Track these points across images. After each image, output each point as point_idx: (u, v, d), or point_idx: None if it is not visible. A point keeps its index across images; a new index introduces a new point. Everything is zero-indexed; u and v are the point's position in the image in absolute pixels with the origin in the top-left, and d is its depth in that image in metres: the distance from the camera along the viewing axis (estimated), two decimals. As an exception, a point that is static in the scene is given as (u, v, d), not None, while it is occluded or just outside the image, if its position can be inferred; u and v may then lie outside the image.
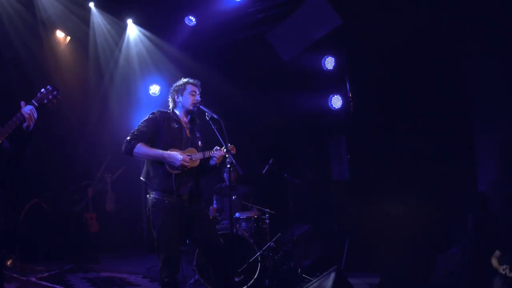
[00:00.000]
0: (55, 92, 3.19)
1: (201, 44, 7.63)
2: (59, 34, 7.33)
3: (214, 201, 6.70)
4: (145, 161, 3.67)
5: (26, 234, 6.58)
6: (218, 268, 3.69)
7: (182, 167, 3.50)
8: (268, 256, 5.57)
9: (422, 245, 5.36)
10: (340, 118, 6.60)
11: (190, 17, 7.19)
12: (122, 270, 6.28)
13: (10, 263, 5.97)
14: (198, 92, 3.83)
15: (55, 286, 5.34)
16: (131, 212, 8.30)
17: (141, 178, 3.66)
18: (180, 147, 3.63)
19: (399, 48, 5.89)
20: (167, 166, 3.53)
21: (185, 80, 3.88)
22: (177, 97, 3.83)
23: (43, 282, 5.51)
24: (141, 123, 3.63)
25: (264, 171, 6.10)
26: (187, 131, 3.77)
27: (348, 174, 6.55)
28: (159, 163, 3.55)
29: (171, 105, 3.87)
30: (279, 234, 5.69)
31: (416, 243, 5.43)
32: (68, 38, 7.38)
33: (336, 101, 6.53)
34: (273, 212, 6.00)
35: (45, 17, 6.61)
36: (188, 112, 3.81)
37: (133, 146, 3.46)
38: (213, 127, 3.62)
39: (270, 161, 6.11)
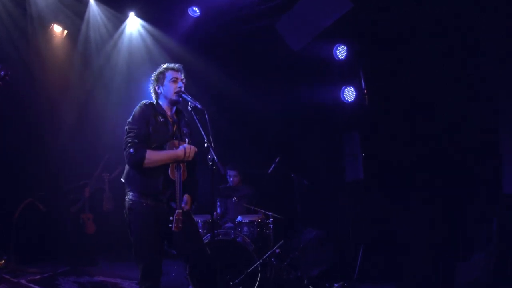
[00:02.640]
0: (2, 73, 2.94)
1: (206, 36, 7.52)
2: (57, 28, 7.32)
3: (218, 204, 6.55)
4: None
5: (21, 235, 6.60)
6: (203, 281, 3.50)
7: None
8: (271, 264, 5.37)
9: (441, 252, 5.08)
10: (353, 112, 6.35)
11: (194, 8, 7.08)
12: (117, 274, 6.17)
13: (2, 263, 5.99)
14: (181, 78, 3.58)
15: (44, 289, 5.36)
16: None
17: (121, 179, 3.46)
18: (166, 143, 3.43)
19: (418, 35, 5.61)
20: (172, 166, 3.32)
21: (165, 66, 3.65)
22: (158, 88, 3.58)
23: (33, 285, 5.49)
24: (132, 124, 3.36)
25: (270, 170, 5.95)
26: (173, 126, 3.53)
27: (363, 174, 6.29)
28: None
29: (153, 96, 3.64)
30: (282, 241, 5.48)
31: (435, 250, 5.16)
32: (65, 32, 7.35)
33: (349, 94, 6.28)
34: (277, 216, 5.79)
35: (35, 11, 6.59)
36: (172, 103, 3.56)
37: (143, 156, 3.22)
38: (195, 117, 3.40)
39: (277, 160, 5.96)
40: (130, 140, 3.27)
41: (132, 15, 7.54)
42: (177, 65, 3.65)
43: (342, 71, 6.39)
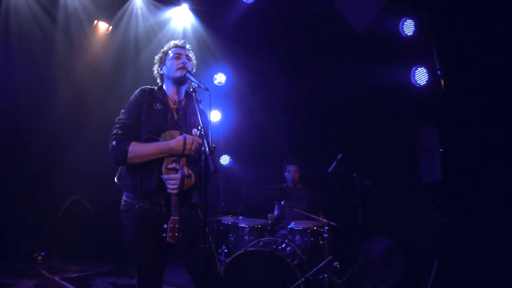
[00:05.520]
0: None
1: (260, 24, 7.47)
2: (102, 25, 7.60)
3: (276, 207, 6.40)
4: None
5: (66, 232, 6.88)
6: None
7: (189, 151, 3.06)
8: (322, 282, 5.03)
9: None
10: (427, 98, 5.90)
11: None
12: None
13: (40, 259, 6.37)
14: (185, 54, 3.33)
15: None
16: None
17: (115, 179, 3.27)
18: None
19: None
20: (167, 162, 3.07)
21: (168, 44, 3.43)
22: (161, 69, 3.38)
23: (64, 283, 5.70)
24: (122, 114, 3.17)
25: (330, 169, 5.66)
26: (175, 113, 3.25)
27: (441, 174, 5.79)
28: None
29: (158, 80, 3.44)
30: (330, 257, 5.08)
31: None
32: (111, 27, 7.56)
33: (421, 76, 5.81)
34: (333, 223, 5.40)
35: (63, 13, 6.87)
36: (175, 82, 3.28)
37: (125, 150, 2.99)
38: (194, 100, 3.10)
39: (339, 157, 5.65)
40: (114, 132, 3.09)
41: (185, 8, 7.55)
42: (181, 41, 3.43)
43: (410, 49, 5.94)
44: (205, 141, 2.89)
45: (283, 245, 5.17)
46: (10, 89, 6.67)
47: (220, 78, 8.20)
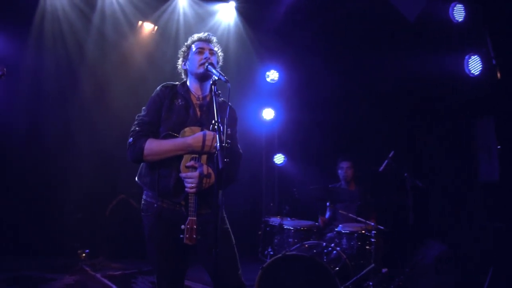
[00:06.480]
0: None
1: (303, 18, 7.34)
2: (147, 25, 7.57)
3: (328, 208, 6.21)
4: None
5: (113, 231, 7.11)
6: None
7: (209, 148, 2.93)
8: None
9: None
10: (483, 88, 5.45)
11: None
12: (200, 278, 6.14)
13: (84, 256, 6.56)
14: (209, 48, 3.22)
15: (112, 285, 5.59)
16: (245, 212, 8.00)
17: (135, 179, 3.19)
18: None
19: None
20: (186, 163, 2.95)
21: (191, 38, 3.32)
22: (184, 64, 3.29)
23: (105, 280, 5.83)
24: (142, 111, 3.13)
25: (381, 168, 5.38)
26: (198, 109, 3.14)
27: (499, 173, 5.35)
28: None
29: (183, 76, 3.35)
30: (373, 265, 4.78)
31: None
32: (156, 28, 7.52)
33: (475, 65, 5.37)
34: (381, 227, 5.09)
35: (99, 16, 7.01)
36: (198, 78, 3.18)
37: (141, 147, 2.93)
38: (213, 93, 2.95)
39: (391, 155, 5.36)
40: (132, 129, 3.04)
41: (231, 6, 7.55)
42: (205, 34, 3.32)
43: (462, 36, 5.53)
44: (217, 135, 2.74)
45: (329, 249, 4.94)
46: (43, 91, 6.95)
47: (272, 75, 8.14)
